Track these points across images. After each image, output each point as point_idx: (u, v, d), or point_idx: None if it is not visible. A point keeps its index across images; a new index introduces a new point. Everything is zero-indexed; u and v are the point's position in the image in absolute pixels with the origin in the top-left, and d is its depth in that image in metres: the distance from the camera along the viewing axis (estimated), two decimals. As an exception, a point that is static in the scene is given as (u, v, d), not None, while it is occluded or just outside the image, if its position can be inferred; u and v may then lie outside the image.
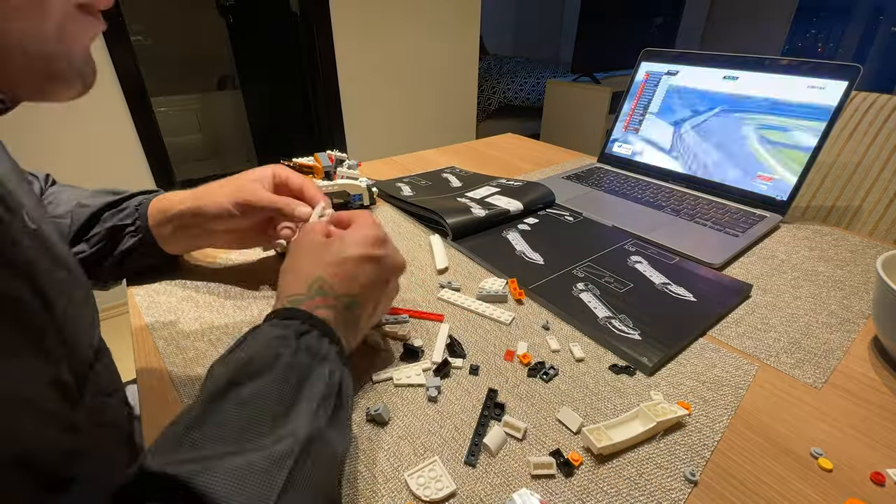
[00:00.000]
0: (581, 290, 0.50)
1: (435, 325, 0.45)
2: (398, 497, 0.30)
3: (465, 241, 0.61)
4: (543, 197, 0.71)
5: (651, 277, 0.53)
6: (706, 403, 0.37)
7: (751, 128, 0.72)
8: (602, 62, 2.86)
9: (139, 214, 0.47)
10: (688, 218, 0.67)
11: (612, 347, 0.42)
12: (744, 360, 0.42)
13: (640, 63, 0.87)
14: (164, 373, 0.39)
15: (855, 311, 0.49)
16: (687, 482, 0.31)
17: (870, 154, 0.82)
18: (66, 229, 0.46)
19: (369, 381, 0.39)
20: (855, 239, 0.64)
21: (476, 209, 0.65)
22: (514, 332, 0.45)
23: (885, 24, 3.07)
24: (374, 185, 0.73)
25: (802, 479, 0.31)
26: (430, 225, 0.65)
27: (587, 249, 0.58)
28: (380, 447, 0.33)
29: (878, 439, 0.34)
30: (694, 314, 0.47)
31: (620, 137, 0.88)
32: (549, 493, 0.30)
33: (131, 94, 1.55)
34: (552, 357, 0.42)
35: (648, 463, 0.32)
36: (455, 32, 2.28)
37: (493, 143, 1.11)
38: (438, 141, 2.24)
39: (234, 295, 0.50)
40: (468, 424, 0.35)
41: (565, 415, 0.35)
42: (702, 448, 0.33)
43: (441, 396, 0.37)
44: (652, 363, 0.40)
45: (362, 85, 2.07)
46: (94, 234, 0.47)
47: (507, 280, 0.51)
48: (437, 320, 0.46)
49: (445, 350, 0.42)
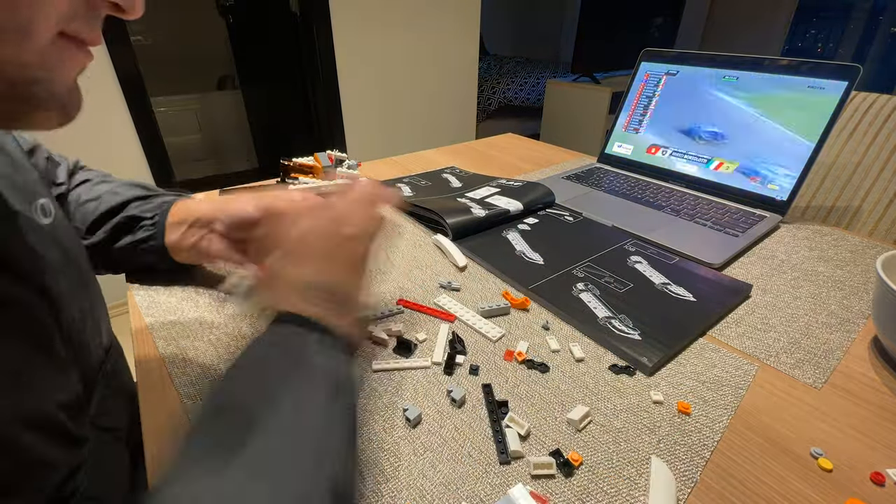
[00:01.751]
0: (581, 290, 0.50)
1: (436, 324, 0.46)
2: (398, 497, 0.30)
3: (465, 241, 0.61)
4: (543, 197, 0.71)
5: (651, 277, 0.53)
6: (706, 403, 0.37)
7: (750, 128, 0.72)
8: (602, 62, 2.86)
9: (161, 211, 0.47)
10: (688, 218, 0.67)
11: (612, 347, 0.42)
12: (744, 360, 0.42)
13: (640, 63, 0.87)
14: (164, 373, 0.39)
15: (855, 311, 0.49)
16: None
17: (870, 154, 0.82)
18: (92, 213, 0.47)
19: (369, 371, 0.39)
20: (855, 239, 0.64)
21: (476, 209, 0.65)
22: (515, 332, 0.45)
23: (885, 24, 3.07)
24: None
25: (802, 479, 0.31)
26: (431, 225, 0.65)
27: (587, 249, 0.58)
28: (380, 447, 0.33)
29: (878, 439, 0.34)
30: (694, 314, 0.47)
31: (620, 137, 0.88)
32: (550, 492, 0.30)
33: (131, 94, 1.55)
34: (552, 357, 0.42)
35: (648, 464, 0.32)
36: (455, 32, 2.28)
37: (493, 143, 1.11)
38: (438, 141, 2.24)
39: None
40: (468, 424, 0.35)
41: (575, 413, 0.35)
42: (701, 448, 0.33)
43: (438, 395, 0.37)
44: (652, 363, 0.40)
45: (362, 85, 2.07)
46: (111, 222, 0.47)
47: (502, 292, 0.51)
48: (447, 319, 0.46)
49: (447, 347, 0.42)
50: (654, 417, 0.36)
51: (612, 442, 0.34)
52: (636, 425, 0.35)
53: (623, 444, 0.33)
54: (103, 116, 1.52)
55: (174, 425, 0.35)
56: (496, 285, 0.52)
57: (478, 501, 0.29)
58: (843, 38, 3.27)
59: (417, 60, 2.20)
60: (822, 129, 0.65)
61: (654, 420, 0.35)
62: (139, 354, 0.42)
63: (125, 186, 0.50)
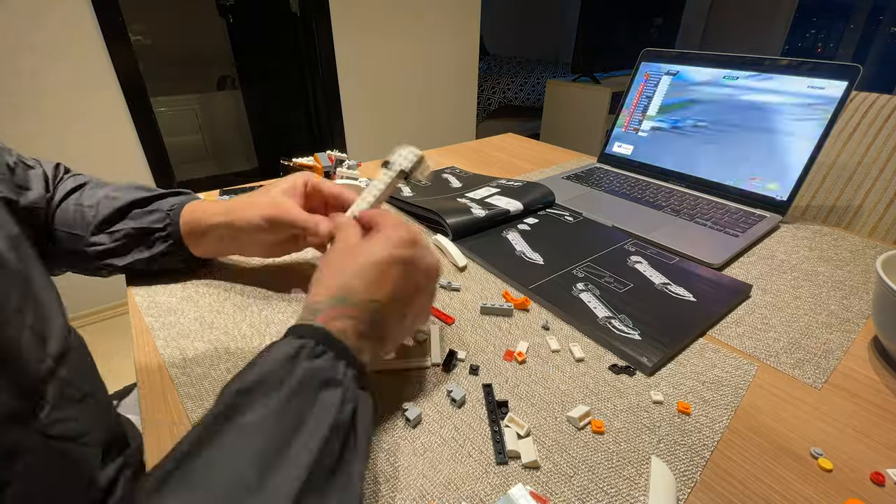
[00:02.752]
0: (581, 290, 0.50)
1: (436, 324, 0.45)
2: (397, 497, 0.30)
3: (465, 241, 0.61)
4: (543, 197, 0.71)
5: (651, 277, 0.53)
6: (706, 403, 0.37)
7: (751, 128, 0.72)
8: (602, 62, 2.87)
9: (171, 220, 0.47)
10: (688, 218, 0.67)
11: (612, 347, 0.42)
12: (744, 360, 0.42)
13: (640, 63, 0.87)
14: (164, 373, 0.39)
15: (855, 311, 0.49)
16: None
17: (870, 154, 0.82)
18: (90, 219, 0.47)
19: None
20: (855, 239, 0.64)
21: (476, 209, 0.65)
22: (515, 332, 0.45)
23: (885, 24, 3.07)
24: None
25: (802, 479, 0.31)
26: (431, 225, 0.66)
27: (587, 249, 0.58)
28: (379, 447, 0.33)
29: (878, 439, 0.34)
30: (694, 314, 0.47)
31: (620, 137, 0.88)
32: (550, 492, 0.30)
33: (131, 94, 1.54)
34: (552, 357, 0.42)
35: (648, 464, 0.32)
36: (455, 32, 2.28)
37: (493, 143, 1.11)
38: (438, 141, 2.24)
39: (234, 295, 0.50)
40: (468, 424, 0.35)
41: (576, 412, 0.35)
42: (701, 448, 0.33)
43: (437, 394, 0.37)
44: (652, 363, 0.40)
45: (362, 85, 2.07)
46: (118, 230, 0.47)
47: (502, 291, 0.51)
48: (447, 321, 0.46)
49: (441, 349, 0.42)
50: (654, 417, 0.36)
51: (612, 442, 0.34)
52: (636, 425, 0.35)
53: (623, 444, 0.33)
54: (103, 116, 1.52)
55: (174, 425, 0.35)
56: (496, 285, 0.52)
57: (478, 501, 0.29)
58: (843, 38, 3.28)
59: (417, 60, 2.20)
60: (822, 129, 0.65)
61: (654, 420, 0.35)
62: (139, 355, 0.42)
63: (123, 190, 0.49)
